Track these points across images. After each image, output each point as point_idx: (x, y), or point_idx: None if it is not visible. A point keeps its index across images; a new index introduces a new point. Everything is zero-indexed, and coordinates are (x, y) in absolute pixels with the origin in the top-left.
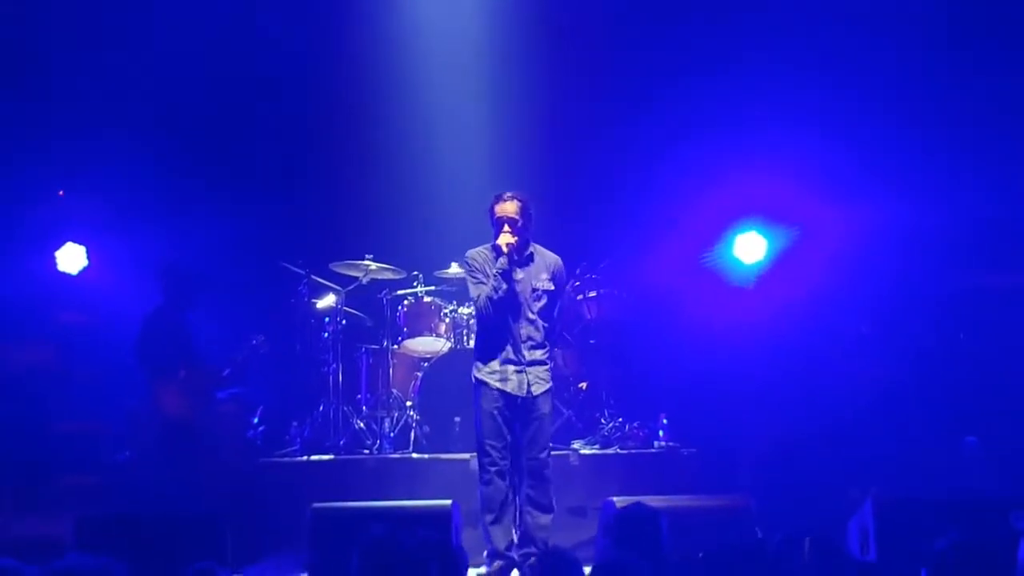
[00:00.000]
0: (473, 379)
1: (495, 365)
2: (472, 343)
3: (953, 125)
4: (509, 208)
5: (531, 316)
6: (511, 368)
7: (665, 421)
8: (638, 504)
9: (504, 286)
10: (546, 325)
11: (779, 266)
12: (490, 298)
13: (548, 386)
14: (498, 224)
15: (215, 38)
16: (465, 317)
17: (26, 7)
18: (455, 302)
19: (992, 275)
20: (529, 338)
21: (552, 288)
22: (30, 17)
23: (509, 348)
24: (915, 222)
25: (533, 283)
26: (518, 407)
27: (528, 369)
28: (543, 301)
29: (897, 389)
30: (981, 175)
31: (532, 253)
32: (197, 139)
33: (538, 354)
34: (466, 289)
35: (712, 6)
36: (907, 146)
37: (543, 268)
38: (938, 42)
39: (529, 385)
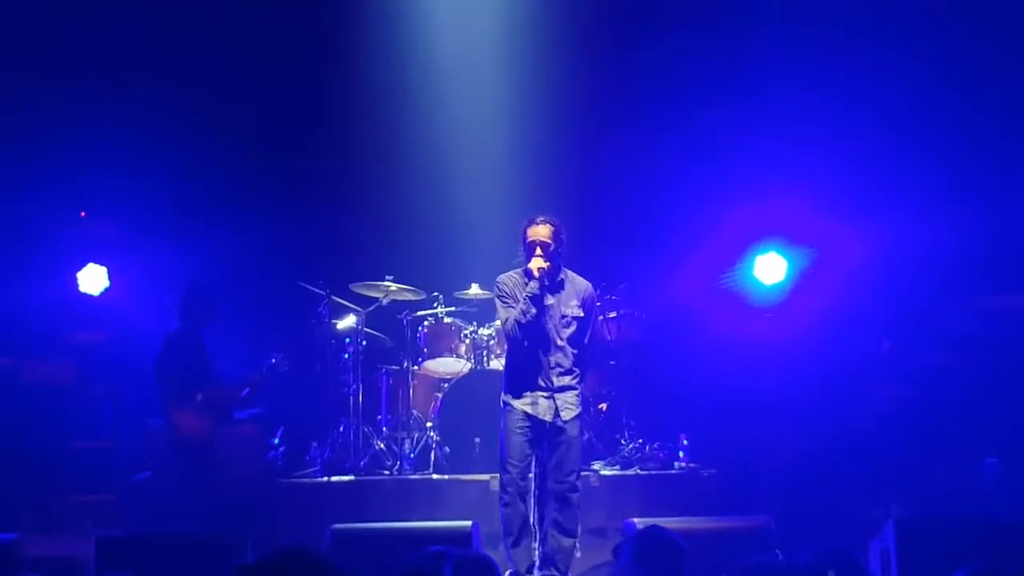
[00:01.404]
0: (501, 402)
1: (524, 391)
2: (492, 364)
3: (972, 145)
4: (541, 232)
5: (560, 343)
6: (539, 394)
7: (685, 442)
8: (657, 528)
9: (533, 310)
10: (575, 352)
11: (799, 286)
12: (518, 322)
13: (577, 411)
14: (530, 248)
15: (234, 56)
16: (485, 338)
17: (46, 31)
18: (475, 323)
19: (1014, 295)
20: (558, 364)
21: (581, 315)
22: (49, 40)
23: (538, 374)
24: (935, 241)
25: (563, 310)
26: (546, 431)
27: (557, 395)
28: (572, 328)
29: (918, 409)
30: (1004, 195)
31: (563, 279)
32: (218, 160)
33: (567, 380)
34: (486, 310)
35: (730, 31)
36: (926, 167)
37: (573, 295)
38: (955, 65)
39: (557, 411)
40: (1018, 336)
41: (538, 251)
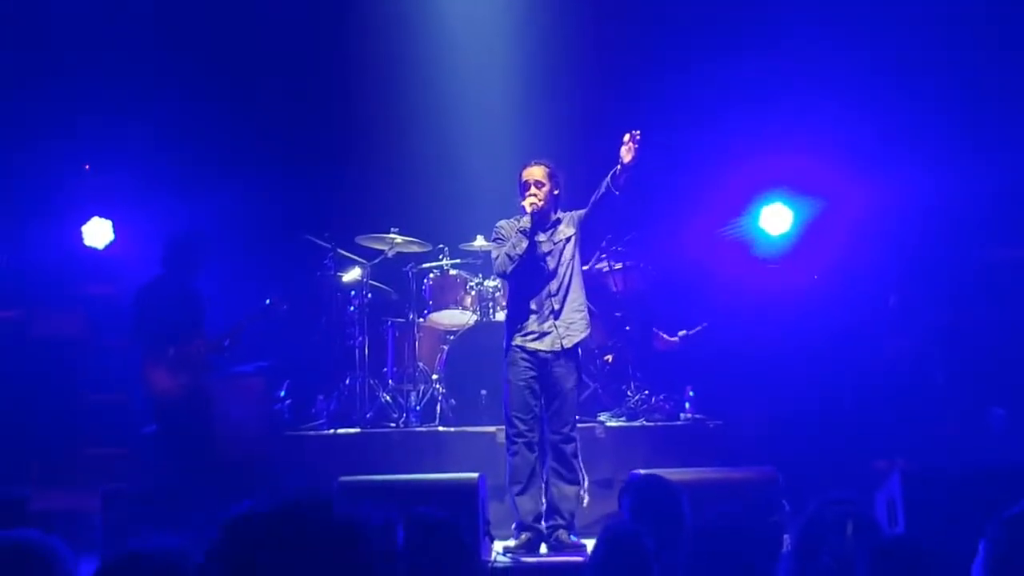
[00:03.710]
0: (505, 348)
1: (527, 326)
2: (498, 316)
3: (984, 97)
4: (535, 172)
5: (560, 272)
6: (543, 326)
7: (691, 394)
8: (655, 476)
9: (523, 243)
10: (574, 279)
11: (805, 237)
12: (508, 255)
13: (583, 336)
14: (524, 188)
15: (243, 10)
16: (491, 290)
17: None
18: (481, 275)
19: (1020, 247)
20: (558, 291)
21: (573, 231)
22: None
23: (539, 308)
24: (943, 193)
25: (556, 242)
26: (546, 375)
27: (557, 323)
28: (569, 250)
29: (924, 360)
30: (1010, 146)
31: (559, 219)
32: (223, 113)
33: (568, 308)
34: (491, 262)
35: None
36: (934, 117)
37: (568, 225)
38: (963, 15)
39: (562, 338)
40: None
41: (532, 189)
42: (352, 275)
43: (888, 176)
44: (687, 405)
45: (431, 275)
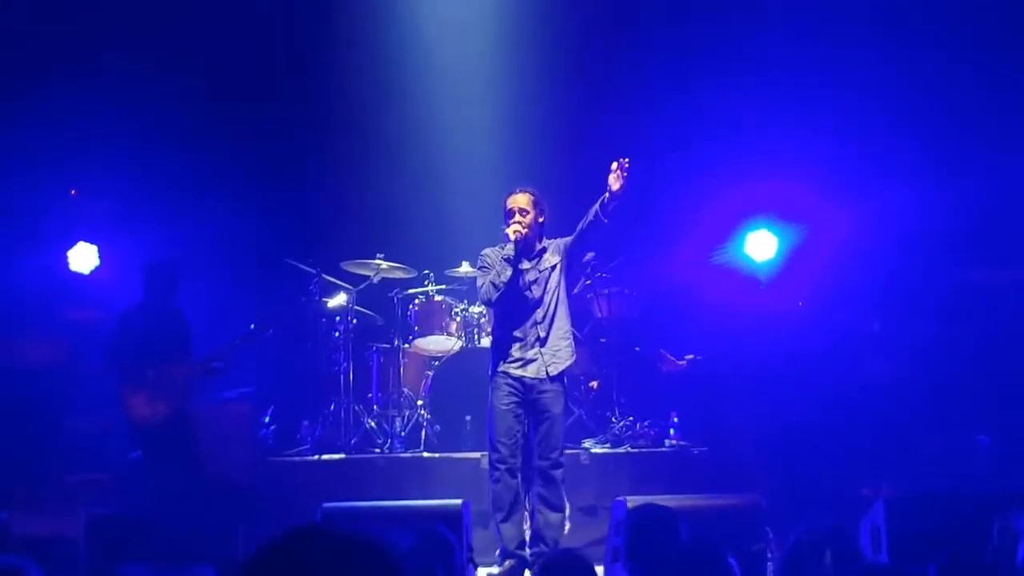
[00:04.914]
0: (490, 374)
1: (513, 353)
2: (482, 342)
3: (960, 120)
4: (520, 200)
5: (545, 299)
6: (528, 353)
7: (676, 420)
8: (654, 505)
9: (508, 271)
10: (560, 306)
11: (790, 264)
12: (492, 283)
13: (568, 363)
14: (508, 215)
15: (223, 36)
16: (476, 316)
17: (37, 11)
18: (466, 301)
19: (1003, 270)
20: (544, 319)
21: (558, 259)
22: (40, 19)
23: (524, 336)
24: (926, 218)
25: (542, 270)
26: (532, 401)
27: (543, 351)
28: (554, 279)
29: (909, 387)
30: (991, 170)
31: (544, 248)
32: (209, 139)
33: (553, 336)
34: (476, 289)
35: (722, 9)
36: (915, 142)
37: (553, 253)
38: (939, 39)
39: (547, 366)
40: (1009, 312)
41: (516, 216)
42: (337, 301)
43: (870, 201)
44: (672, 431)
45: (416, 301)
